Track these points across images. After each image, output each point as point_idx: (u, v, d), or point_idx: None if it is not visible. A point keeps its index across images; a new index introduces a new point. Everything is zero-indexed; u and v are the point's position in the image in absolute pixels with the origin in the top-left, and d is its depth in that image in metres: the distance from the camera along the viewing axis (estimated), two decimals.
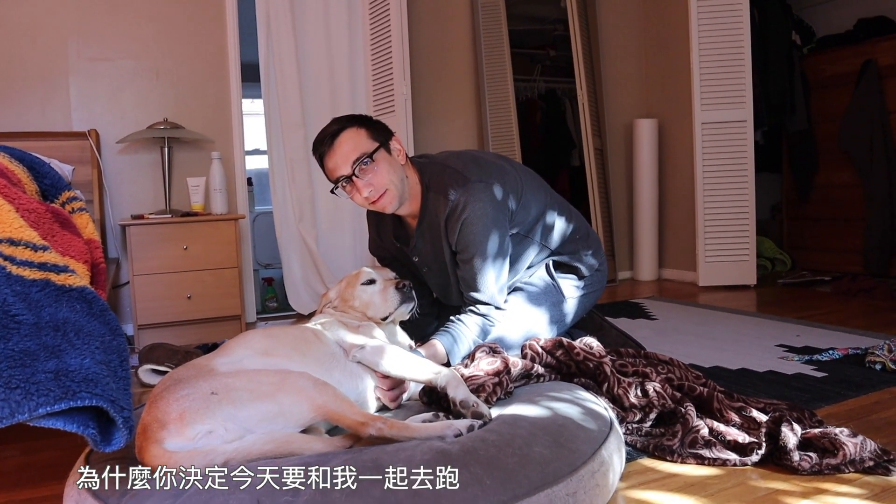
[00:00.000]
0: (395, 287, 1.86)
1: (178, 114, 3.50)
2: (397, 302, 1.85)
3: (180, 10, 3.54)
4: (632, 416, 1.67)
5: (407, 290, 1.86)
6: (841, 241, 4.43)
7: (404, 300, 1.85)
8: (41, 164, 1.49)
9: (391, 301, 1.85)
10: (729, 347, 2.59)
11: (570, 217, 2.32)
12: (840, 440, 1.46)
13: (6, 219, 1.11)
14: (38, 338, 0.99)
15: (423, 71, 4.08)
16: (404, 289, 1.86)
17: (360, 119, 2.06)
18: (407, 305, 1.86)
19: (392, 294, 1.85)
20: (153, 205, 3.47)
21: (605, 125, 4.58)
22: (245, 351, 1.55)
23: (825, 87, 4.50)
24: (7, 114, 3.23)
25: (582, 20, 4.38)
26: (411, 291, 1.87)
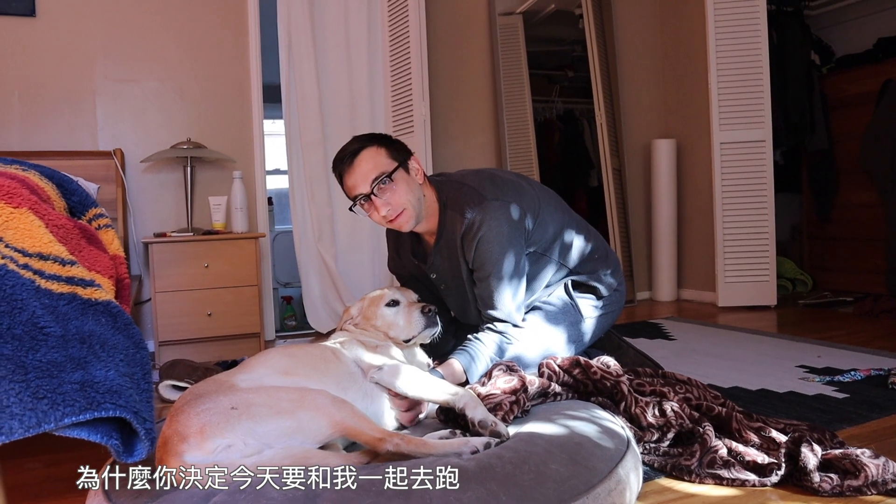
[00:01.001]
0: (421, 311, 1.87)
1: (200, 134, 3.56)
2: (422, 326, 1.86)
3: (204, 33, 3.62)
4: (649, 436, 1.66)
5: (431, 315, 1.87)
6: (863, 262, 4.38)
7: (428, 325, 1.86)
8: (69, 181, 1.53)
9: (415, 325, 1.86)
10: (749, 368, 2.57)
11: (588, 236, 2.32)
12: (862, 461, 1.44)
13: (36, 234, 1.14)
14: (64, 349, 1.01)
15: (442, 91, 4.12)
16: (429, 313, 1.87)
17: (379, 138, 2.08)
18: (431, 330, 1.87)
19: (417, 318, 1.87)
20: (175, 223, 3.52)
21: (623, 145, 4.59)
22: (265, 369, 1.56)
23: (845, 107, 4.48)
24: (36, 133, 3.31)
25: (600, 41, 4.41)
26: (436, 316, 1.88)
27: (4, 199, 1.14)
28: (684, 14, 4.49)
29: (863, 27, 4.64)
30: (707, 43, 4.00)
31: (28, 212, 1.17)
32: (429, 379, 1.67)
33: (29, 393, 0.94)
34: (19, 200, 1.17)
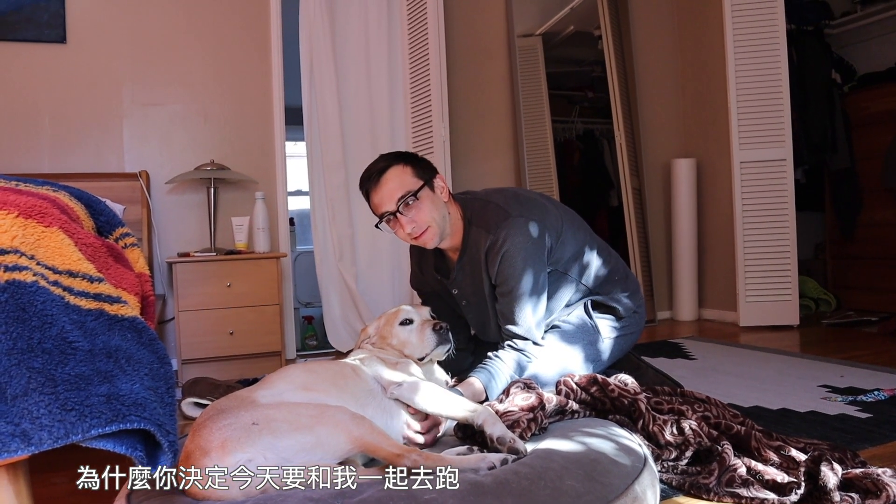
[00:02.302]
0: (433, 328, 1.89)
1: (224, 155, 3.63)
2: (434, 343, 1.88)
3: (228, 57, 3.70)
4: (667, 454, 1.66)
5: (443, 333, 1.89)
6: (887, 281, 4.33)
7: (440, 342, 1.88)
8: (97, 202, 1.58)
9: (428, 342, 1.88)
10: (770, 387, 2.55)
11: (608, 259, 2.33)
12: (883, 481, 1.43)
13: (66, 252, 1.18)
14: (92, 363, 1.04)
15: (462, 112, 4.16)
16: (441, 331, 1.89)
17: (405, 156, 2.12)
18: (443, 347, 1.89)
19: (429, 335, 1.89)
20: (199, 243, 3.58)
21: (643, 165, 4.59)
22: (285, 385, 1.59)
23: (868, 125, 4.45)
24: (65, 156, 3.39)
25: (619, 62, 4.44)
26: (448, 333, 1.90)
27: (37, 218, 1.18)
28: (703, 34, 4.50)
29: (884, 45, 4.63)
30: (726, 62, 4.01)
31: (59, 231, 1.21)
32: (448, 396, 1.69)
33: (58, 405, 0.97)
34: (50, 220, 1.22)
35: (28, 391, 0.99)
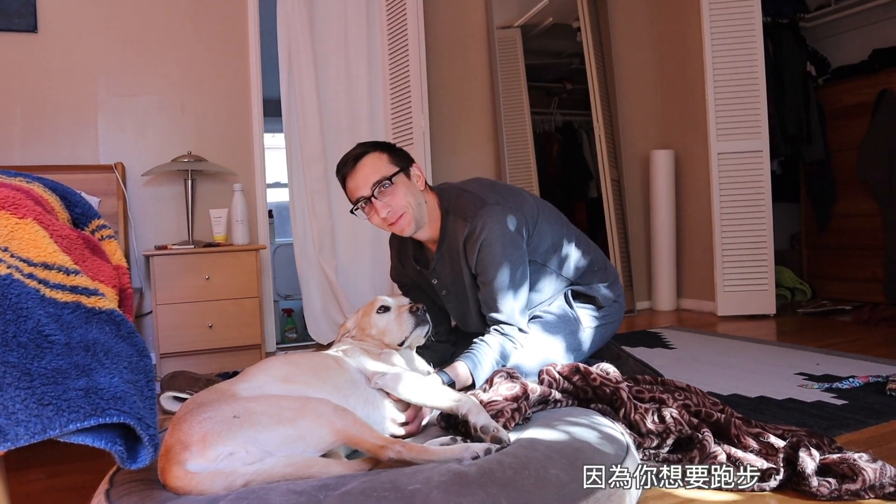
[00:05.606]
0: (409, 311, 1.89)
1: (201, 147, 3.59)
2: (412, 326, 1.88)
3: (205, 48, 3.65)
4: (649, 442, 1.67)
5: (421, 314, 1.89)
6: (861, 271, 4.39)
7: (419, 323, 1.88)
8: (72, 193, 1.55)
9: (406, 325, 1.88)
10: (748, 376, 2.57)
11: (587, 250, 2.35)
12: (859, 465, 1.45)
13: (41, 244, 1.16)
14: (69, 357, 1.02)
15: (441, 104, 4.15)
16: (418, 312, 1.89)
17: (382, 145, 2.14)
18: (422, 329, 1.89)
19: (406, 318, 1.88)
20: (176, 236, 3.54)
21: (622, 157, 4.62)
22: (266, 377, 1.58)
23: (842, 117, 4.51)
24: (38, 148, 3.33)
25: (598, 54, 4.45)
26: (425, 315, 1.90)
27: (10, 209, 1.16)
28: (681, 26, 4.52)
29: (858, 38, 4.68)
30: (704, 55, 4.03)
31: (33, 222, 1.19)
32: (431, 385, 1.68)
33: (34, 400, 0.95)
34: (24, 211, 1.19)
35: (3, 386, 0.96)
